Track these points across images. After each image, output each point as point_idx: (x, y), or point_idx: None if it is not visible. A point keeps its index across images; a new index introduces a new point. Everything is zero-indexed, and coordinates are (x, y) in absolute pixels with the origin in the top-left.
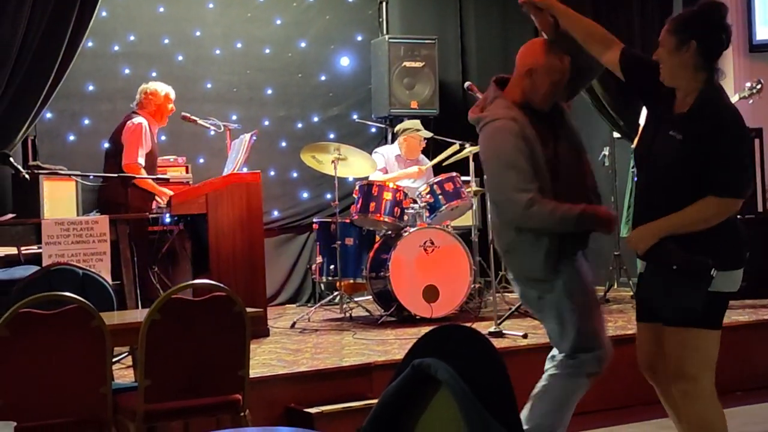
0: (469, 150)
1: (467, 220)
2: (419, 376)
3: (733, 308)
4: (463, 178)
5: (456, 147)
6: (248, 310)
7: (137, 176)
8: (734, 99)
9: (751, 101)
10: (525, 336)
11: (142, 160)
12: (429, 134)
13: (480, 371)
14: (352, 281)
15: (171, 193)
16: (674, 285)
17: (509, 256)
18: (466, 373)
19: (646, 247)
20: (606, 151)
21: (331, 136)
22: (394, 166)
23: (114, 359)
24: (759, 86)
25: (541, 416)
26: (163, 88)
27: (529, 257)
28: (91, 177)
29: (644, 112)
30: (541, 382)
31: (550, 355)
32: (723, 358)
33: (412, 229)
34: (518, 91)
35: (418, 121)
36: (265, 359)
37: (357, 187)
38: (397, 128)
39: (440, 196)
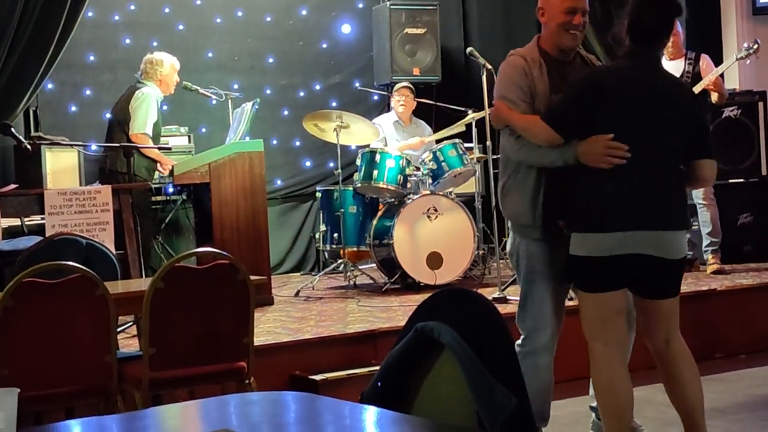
0: (472, 116)
1: (470, 186)
2: (422, 340)
3: (736, 271)
4: (466, 144)
5: (468, 118)
6: (252, 277)
7: (139, 146)
8: (731, 60)
9: (748, 62)
10: None
11: (149, 131)
12: (405, 84)
13: (483, 334)
14: (355, 249)
15: (175, 162)
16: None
17: (503, 199)
18: (469, 336)
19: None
20: None
21: (334, 104)
22: (393, 133)
23: (119, 329)
24: (756, 46)
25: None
26: (168, 59)
27: (518, 201)
28: (93, 147)
29: None
30: None
31: None
32: (727, 322)
33: (415, 197)
34: (543, 35)
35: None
36: (270, 327)
37: (359, 155)
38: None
39: (443, 163)
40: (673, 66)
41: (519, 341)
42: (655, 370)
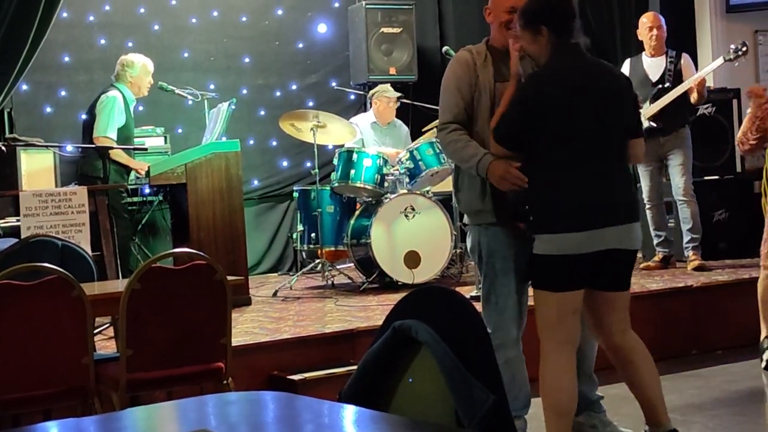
0: None
1: (448, 185)
2: (400, 338)
3: (712, 268)
4: None
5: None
6: (229, 278)
7: (115, 146)
8: (718, 62)
9: (737, 64)
10: None
11: (112, 134)
12: (397, 94)
13: (460, 331)
14: (333, 249)
15: (147, 166)
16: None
17: (457, 194)
18: (446, 334)
19: None
20: None
21: (310, 103)
22: (369, 134)
23: (95, 330)
24: (744, 48)
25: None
26: (139, 60)
27: (468, 190)
28: (69, 148)
29: None
30: None
31: None
32: (703, 318)
33: (392, 196)
34: (492, 35)
35: (387, 85)
36: (248, 327)
37: (336, 155)
38: (369, 94)
39: (420, 162)
40: (655, 63)
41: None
42: None
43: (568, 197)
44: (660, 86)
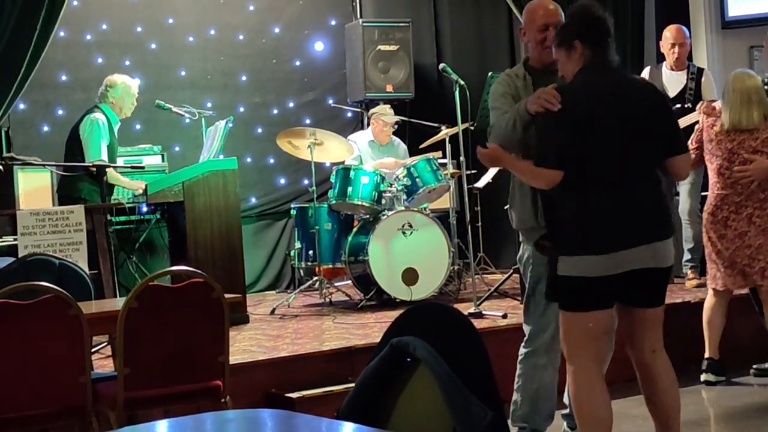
0: (445, 132)
1: (445, 202)
2: (398, 355)
3: (704, 285)
4: (441, 160)
5: (442, 134)
6: (227, 296)
7: (112, 165)
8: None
9: None
10: (504, 316)
11: (105, 157)
12: (394, 119)
13: (458, 348)
14: (331, 266)
15: (144, 184)
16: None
17: (510, 209)
18: (444, 351)
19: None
20: None
21: (307, 121)
22: (367, 152)
23: (93, 349)
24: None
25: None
26: (122, 82)
27: (520, 206)
28: (64, 168)
29: None
30: None
31: None
32: (701, 334)
33: (390, 213)
34: (530, 54)
35: (387, 106)
36: (246, 345)
37: (334, 172)
38: (369, 113)
39: (417, 179)
40: (675, 77)
41: (523, 342)
42: (632, 384)
43: (590, 219)
44: (680, 106)
